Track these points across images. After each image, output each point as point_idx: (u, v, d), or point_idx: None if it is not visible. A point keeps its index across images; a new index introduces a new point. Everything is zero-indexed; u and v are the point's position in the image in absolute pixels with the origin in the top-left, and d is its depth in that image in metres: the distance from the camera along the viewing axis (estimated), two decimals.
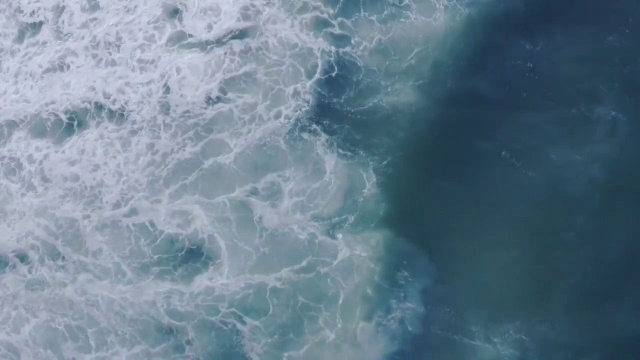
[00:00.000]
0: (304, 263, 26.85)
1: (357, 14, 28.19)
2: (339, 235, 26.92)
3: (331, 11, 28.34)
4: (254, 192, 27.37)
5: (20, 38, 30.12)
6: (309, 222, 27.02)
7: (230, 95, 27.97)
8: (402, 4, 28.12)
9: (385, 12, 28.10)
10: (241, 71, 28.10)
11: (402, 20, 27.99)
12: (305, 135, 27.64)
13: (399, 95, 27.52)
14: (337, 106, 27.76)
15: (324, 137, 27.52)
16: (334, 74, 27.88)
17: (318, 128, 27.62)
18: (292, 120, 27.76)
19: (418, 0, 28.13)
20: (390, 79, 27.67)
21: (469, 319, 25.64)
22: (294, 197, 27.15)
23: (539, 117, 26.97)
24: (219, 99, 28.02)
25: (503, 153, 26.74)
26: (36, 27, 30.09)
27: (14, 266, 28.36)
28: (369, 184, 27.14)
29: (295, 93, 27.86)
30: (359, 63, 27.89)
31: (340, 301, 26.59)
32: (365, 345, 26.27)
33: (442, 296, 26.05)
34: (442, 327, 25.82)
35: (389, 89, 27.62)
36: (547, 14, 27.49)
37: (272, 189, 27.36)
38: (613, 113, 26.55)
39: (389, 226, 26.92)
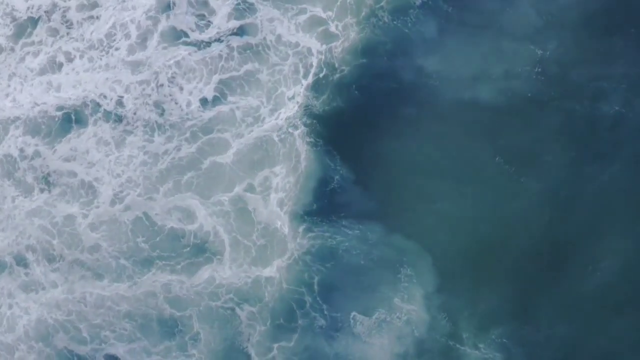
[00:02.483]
0: (289, 253, 27.38)
1: (346, 17, 27.96)
2: (325, 227, 27.36)
3: (327, 13, 28.05)
4: (250, 188, 27.61)
5: (16, 37, 29.42)
6: (292, 214, 27.41)
7: (228, 95, 27.85)
8: (378, 5, 27.92)
9: (370, 17, 27.95)
10: (242, 71, 27.91)
11: (380, 23, 27.85)
12: (292, 130, 27.68)
13: (383, 96, 27.67)
14: (320, 104, 27.75)
15: (308, 134, 27.61)
16: (321, 75, 27.81)
17: (303, 126, 27.65)
18: (285, 120, 27.71)
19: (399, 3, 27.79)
20: (374, 79, 27.75)
21: (461, 326, 26.39)
22: (279, 192, 27.39)
23: (540, 118, 27.05)
24: (216, 100, 27.86)
25: (497, 159, 26.86)
26: (32, 26, 29.37)
27: (11, 265, 28.37)
28: (352, 180, 27.51)
29: (296, 94, 27.79)
30: (343, 65, 27.85)
31: (323, 288, 27.32)
32: (365, 338, 27.09)
33: (440, 302, 26.69)
34: (439, 333, 26.53)
35: (372, 90, 27.76)
36: (558, 19, 27.37)
37: (265, 184, 27.50)
38: (617, 108, 26.69)
39: (377, 222, 27.37)
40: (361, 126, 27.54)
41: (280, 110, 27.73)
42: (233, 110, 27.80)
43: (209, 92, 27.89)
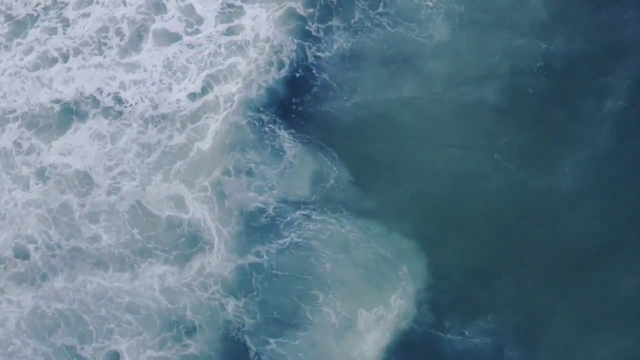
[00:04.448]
0: (283, 240, 27.70)
1: (330, 21, 28.26)
2: (327, 215, 27.58)
3: (309, 14, 28.41)
4: (226, 172, 28.11)
5: (10, 34, 30.09)
6: (284, 201, 27.80)
7: (214, 86, 28.52)
8: (375, 11, 28.09)
9: (357, 21, 28.14)
10: (226, 64, 28.50)
11: (378, 29, 28.00)
12: (264, 118, 28.26)
13: (380, 102, 27.84)
14: (300, 103, 28.27)
15: (286, 127, 28.13)
16: (297, 75, 28.26)
17: (278, 117, 28.21)
18: (256, 107, 28.34)
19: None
20: (370, 84, 27.95)
21: (455, 319, 26.47)
22: (258, 178, 27.92)
23: (542, 114, 26.86)
24: (204, 91, 28.58)
25: (496, 156, 26.67)
26: (28, 23, 30.07)
27: (9, 259, 28.95)
28: (349, 180, 27.75)
29: (266, 82, 28.38)
30: (324, 68, 28.25)
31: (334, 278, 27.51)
32: (365, 334, 27.12)
33: (436, 298, 26.74)
34: (421, 324, 26.61)
35: (367, 95, 27.98)
36: (565, 14, 27.31)
37: (237, 167, 28.06)
38: (620, 103, 26.40)
39: (377, 219, 27.50)
40: (357, 128, 27.76)
41: (253, 98, 28.26)
42: (217, 97, 28.40)
43: (198, 87, 28.55)
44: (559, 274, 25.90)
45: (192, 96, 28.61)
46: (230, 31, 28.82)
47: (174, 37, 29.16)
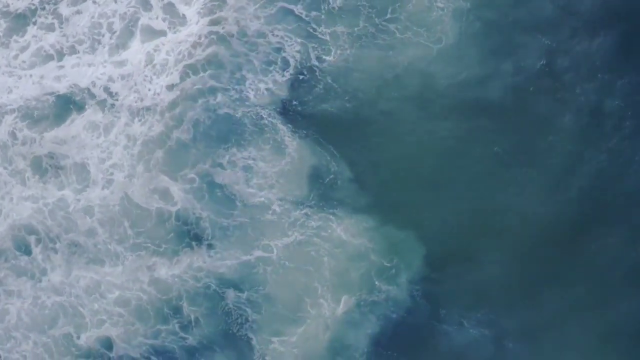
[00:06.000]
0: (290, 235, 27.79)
1: (334, 26, 28.26)
2: (325, 212, 27.65)
3: (313, 17, 28.43)
4: (219, 164, 28.14)
5: (7, 31, 30.61)
6: (283, 197, 27.86)
7: (192, 75, 28.64)
8: (382, 18, 28.05)
9: (362, 28, 28.13)
10: (204, 55, 28.61)
11: (384, 36, 28.01)
12: (265, 115, 28.27)
13: (382, 101, 27.86)
14: (301, 104, 28.30)
15: (286, 122, 28.17)
16: (299, 75, 28.27)
17: (278, 114, 28.22)
18: (257, 104, 28.38)
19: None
20: (371, 86, 27.95)
21: (449, 308, 26.53)
22: (259, 175, 27.93)
23: (540, 111, 26.96)
24: (182, 80, 28.70)
25: (496, 149, 26.84)
26: (25, 20, 30.56)
27: (8, 251, 29.34)
28: (349, 177, 27.87)
29: (261, 80, 28.39)
30: (328, 72, 28.22)
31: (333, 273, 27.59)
32: (355, 323, 27.22)
33: (430, 288, 26.76)
34: (416, 314, 26.69)
35: (368, 95, 28.00)
36: (571, 9, 27.27)
37: (231, 160, 28.12)
38: (617, 102, 26.46)
39: (376, 215, 27.56)
40: (357, 126, 27.79)
41: (248, 95, 28.35)
42: (193, 86, 28.39)
43: (176, 78, 28.65)
44: (561, 267, 25.96)
45: (171, 87, 28.69)
46: (212, 22, 28.84)
47: (158, 32, 29.40)
